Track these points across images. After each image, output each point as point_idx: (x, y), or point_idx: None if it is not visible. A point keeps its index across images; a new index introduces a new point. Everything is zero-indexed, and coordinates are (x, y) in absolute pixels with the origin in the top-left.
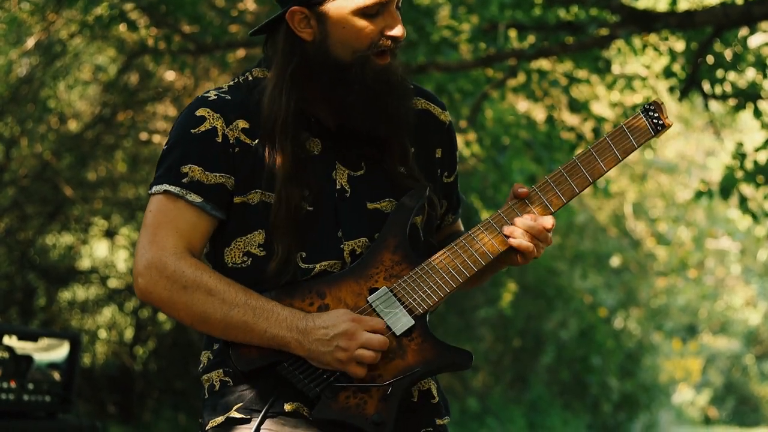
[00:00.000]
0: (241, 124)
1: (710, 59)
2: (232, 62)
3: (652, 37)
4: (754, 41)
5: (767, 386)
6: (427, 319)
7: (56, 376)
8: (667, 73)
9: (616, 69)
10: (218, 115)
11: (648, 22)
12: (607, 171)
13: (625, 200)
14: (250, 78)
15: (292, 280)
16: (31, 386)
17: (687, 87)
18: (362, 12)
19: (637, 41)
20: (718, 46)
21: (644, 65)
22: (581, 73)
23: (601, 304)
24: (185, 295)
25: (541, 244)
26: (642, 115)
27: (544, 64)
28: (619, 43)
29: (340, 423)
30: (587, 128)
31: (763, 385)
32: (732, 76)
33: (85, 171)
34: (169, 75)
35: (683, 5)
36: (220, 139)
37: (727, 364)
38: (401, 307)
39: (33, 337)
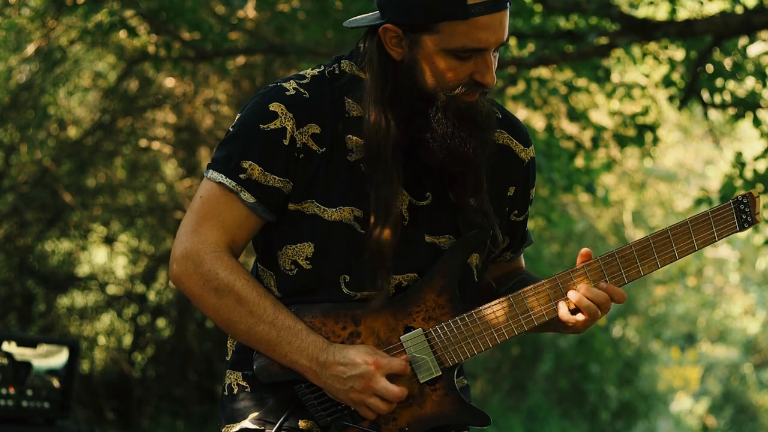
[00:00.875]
0: (312, 129)
1: (710, 68)
2: (232, 69)
3: (652, 46)
4: (754, 50)
5: (766, 395)
6: (455, 371)
7: (55, 382)
8: (667, 82)
9: (615, 78)
10: (291, 114)
11: (648, 31)
12: (679, 259)
13: (624, 208)
14: (337, 71)
15: (331, 299)
16: (29, 392)
17: (686, 96)
18: (454, 53)
19: (636, 50)
20: (717, 55)
21: (644, 74)
22: (581, 82)
23: None
24: (215, 298)
25: (590, 321)
26: (732, 207)
27: (543, 72)
28: (619, 51)
29: None
30: (586, 137)
31: (761, 394)
32: (731, 85)
33: (85, 177)
34: (169, 82)
35: (683, 14)
36: (287, 142)
37: (725, 372)
38: (432, 353)
39: (32, 344)
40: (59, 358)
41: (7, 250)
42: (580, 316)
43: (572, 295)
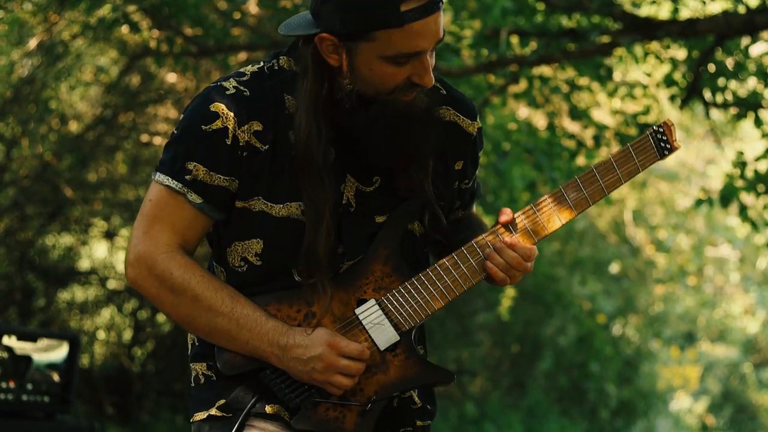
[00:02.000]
0: (255, 126)
1: (711, 68)
2: (234, 65)
3: (654, 45)
4: (756, 50)
5: (765, 394)
6: (413, 334)
7: (55, 376)
8: (668, 81)
9: (617, 76)
10: (232, 114)
11: (650, 30)
12: (608, 194)
13: (625, 207)
14: (276, 67)
15: (283, 287)
16: (30, 386)
17: (688, 95)
18: (392, 59)
19: (638, 49)
20: (719, 55)
21: (645, 73)
22: (583, 81)
23: (600, 311)
24: (172, 297)
25: (518, 273)
26: (649, 137)
27: (545, 70)
28: (621, 50)
29: None
30: (588, 135)
31: (761, 394)
32: (733, 84)
33: (86, 172)
34: (171, 77)
35: (685, 13)
36: (230, 141)
37: (725, 372)
38: (387, 321)
39: (32, 338)
40: (59, 352)
41: (7, 244)
42: (495, 271)
43: (487, 264)
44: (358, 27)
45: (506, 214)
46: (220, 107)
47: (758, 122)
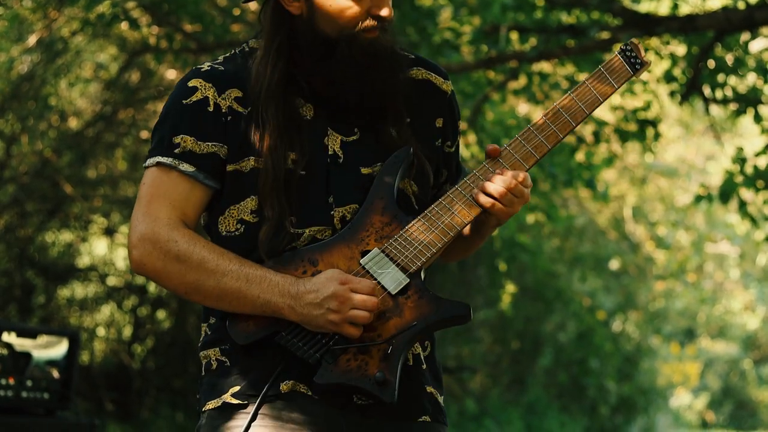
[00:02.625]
0: (234, 93)
1: (711, 63)
2: None
3: (654, 41)
4: (756, 46)
5: (765, 390)
6: (423, 276)
7: (55, 373)
8: (668, 77)
9: None
10: (210, 84)
11: (650, 25)
12: (589, 114)
13: (625, 204)
14: (246, 49)
15: (282, 247)
16: (29, 383)
17: (688, 91)
18: None
19: None
20: (719, 51)
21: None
22: (582, 77)
23: (600, 307)
24: (178, 265)
25: (515, 200)
26: (619, 56)
27: (545, 66)
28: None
29: (343, 390)
30: (587, 131)
31: (760, 390)
32: (733, 80)
33: (86, 169)
34: (171, 74)
35: (685, 9)
36: (212, 108)
37: (725, 368)
38: (394, 266)
39: (32, 335)
40: (59, 349)
41: (7, 241)
42: (489, 203)
43: (480, 196)
44: None
45: (492, 146)
46: (197, 81)
47: (758, 118)
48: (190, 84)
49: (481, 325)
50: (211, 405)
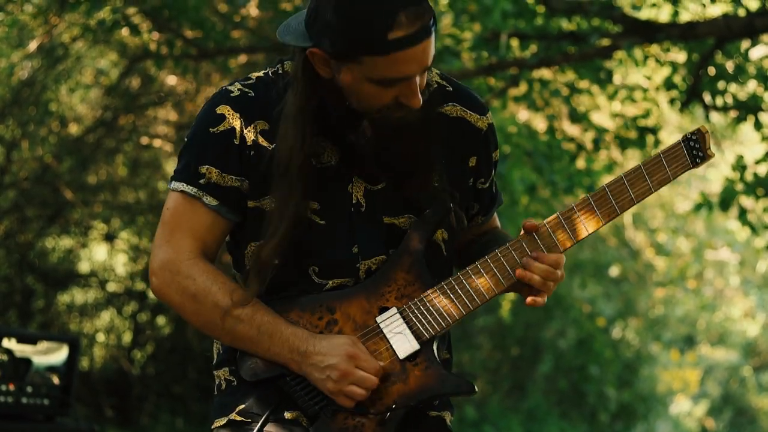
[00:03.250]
0: (261, 125)
1: (711, 71)
2: (234, 67)
3: (654, 48)
4: (756, 53)
5: (765, 398)
6: (435, 343)
7: (55, 379)
8: (668, 84)
9: (617, 80)
10: (238, 114)
11: (650, 33)
12: (638, 203)
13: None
14: (281, 71)
15: (304, 291)
16: (29, 389)
17: (688, 98)
18: (377, 82)
19: (638, 52)
20: (719, 58)
21: (645, 76)
22: (582, 84)
23: (600, 314)
24: (195, 304)
25: (551, 284)
26: (682, 144)
27: (545, 73)
28: (621, 53)
29: None
30: (588, 138)
31: (760, 397)
32: (733, 88)
33: (86, 174)
34: (171, 80)
35: (685, 17)
36: (237, 141)
37: (725, 375)
38: (408, 330)
39: (32, 340)
40: (59, 355)
41: (7, 247)
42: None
43: (518, 271)
44: (346, 49)
45: (530, 222)
46: (225, 109)
47: (758, 125)
48: (218, 110)
49: (480, 332)
50: (218, 423)
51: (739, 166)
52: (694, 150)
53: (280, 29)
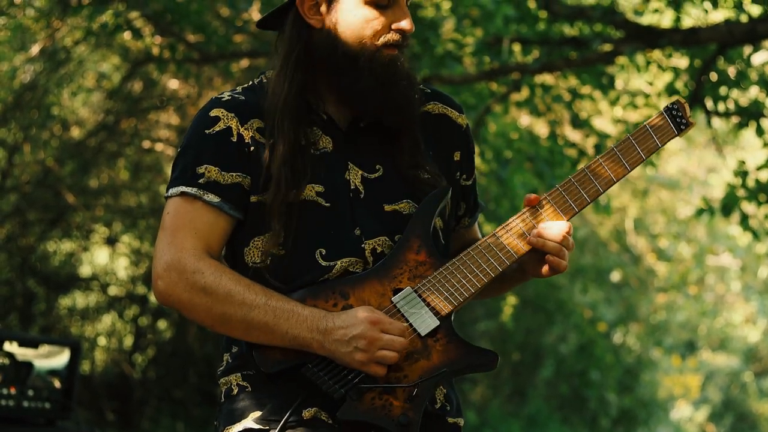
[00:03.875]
0: (256, 123)
1: (713, 76)
2: (236, 72)
3: (656, 54)
4: (758, 59)
5: (766, 403)
6: (452, 318)
7: (56, 383)
8: (670, 89)
9: (619, 85)
10: (232, 114)
11: (652, 38)
12: (630, 171)
13: (626, 216)
14: (264, 80)
15: (315, 280)
16: (31, 393)
17: (690, 104)
18: (372, 2)
19: (640, 58)
20: (721, 64)
21: (647, 82)
22: (585, 89)
23: (601, 319)
24: (205, 297)
25: (565, 253)
26: (665, 114)
27: (547, 78)
28: (623, 59)
29: (365, 424)
30: (589, 144)
31: (761, 402)
32: (735, 93)
33: (88, 178)
34: (173, 84)
35: (687, 22)
36: (235, 138)
37: (726, 380)
38: (426, 307)
39: (34, 344)
40: (61, 358)
41: (9, 250)
42: (542, 242)
43: (532, 240)
44: None
45: (532, 196)
46: (219, 111)
47: (760, 131)
48: (212, 114)
49: (482, 336)
50: (231, 429)
51: (741, 171)
52: (677, 118)
53: (258, 22)
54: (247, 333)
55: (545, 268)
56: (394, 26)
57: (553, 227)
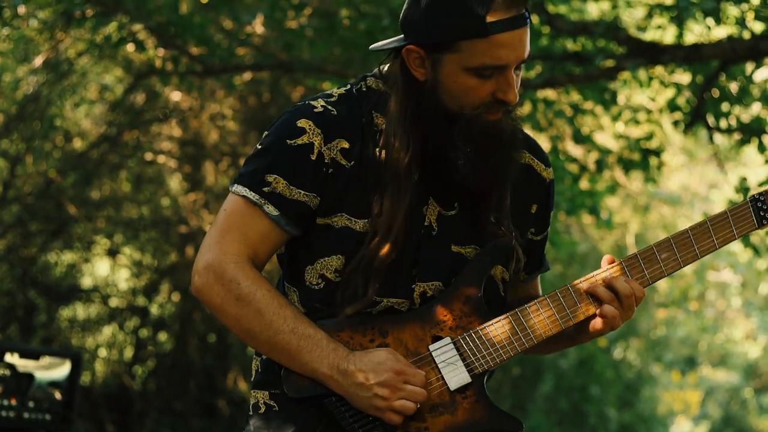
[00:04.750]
0: (341, 144)
1: (715, 93)
2: (239, 85)
3: (658, 70)
4: (760, 76)
5: (766, 420)
6: (486, 379)
7: (57, 394)
8: (672, 106)
9: (621, 100)
10: (319, 130)
11: (655, 54)
12: (700, 258)
13: (628, 231)
14: (364, 88)
15: (358, 311)
16: (31, 404)
17: (692, 120)
18: (475, 71)
19: (642, 73)
20: (723, 80)
21: (650, 97)
22: (587, 104)
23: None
24: (236, 308)
25: (623, 315)
26: (749, 205)
27: (550, 94)
28: (625, 74)
29: None
30: (591, 159)
31: (761, 419)
32: (737, 110)
33: (89, 190)
34: (176, 96)
35: (690, 38)
36: (314, 157)
37: (726, 396)
38: (461, 361)
39: (35, 355)
40: (61, 370)
41: (10, 261)
42: (608, 309)
43: (615, 282)
44: (445, 37)
45: (607, 259)
46: (307, 123)
47: (762, 148)
48: (299, 124)
49: None
50: None
51: (743, 188)
52: (761, 211)
53: (372, 47)
54: (270, 353)
55: (597, 323)
56: (497, 96)
57: (625, 282)
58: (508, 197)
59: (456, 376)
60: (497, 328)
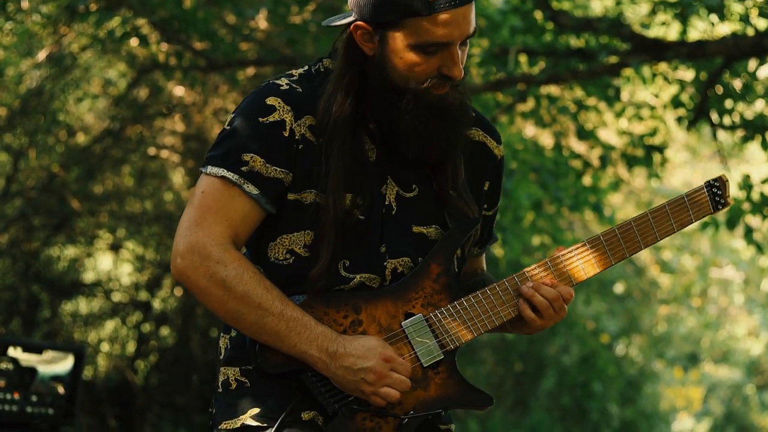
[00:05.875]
0: (309, 120)
1: (719, 89)
2: (243, 80)
3: (662, 66)
4: (764, 73)
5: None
6: (456, 354)
7: (60, 388)
8: (676, 102)
9: (625, 97)
10: (289, 108)
11: (659, 51)
12: (659, 240)
13: None
14: (321, 69)
15: (329, 287)
16: (34, 398)
17: (695, 117)
18: (420, 48)
19: (646, 70)
20: (727, 77)
21: (653, 94)
22: (590, 101)
23: (604, 331)
24: (222, 290)
25: (553, 315)
26: (705, 190)
27: (553, 90)
28: (629, 71)
29: None
30: (594, 156)
31: (763, 416)
32: (740, 107)
33: (92, 184)
34: (179, 91)
35: (694, 35)
36: (287, 133)
37: (728, 393)
38: (434, 338)
39: (38, 350)
40: (64, 364)
41: (13, 255)
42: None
43: (524, 289)
44: (389, 14)
45: (558, 249)
46: (276, 101)
47: (765, 145)
48: (269, 101)
49: (484, 347)
50: (228, 425)
51: (746, 185)
52: (717, 196)
53: (324, 22)
54: (258, 335)
55: (531, 323)
56: (442, 72)
57: (550, 289)
58: (462, 169)
59: (428, 352)
60: (467, 306)
